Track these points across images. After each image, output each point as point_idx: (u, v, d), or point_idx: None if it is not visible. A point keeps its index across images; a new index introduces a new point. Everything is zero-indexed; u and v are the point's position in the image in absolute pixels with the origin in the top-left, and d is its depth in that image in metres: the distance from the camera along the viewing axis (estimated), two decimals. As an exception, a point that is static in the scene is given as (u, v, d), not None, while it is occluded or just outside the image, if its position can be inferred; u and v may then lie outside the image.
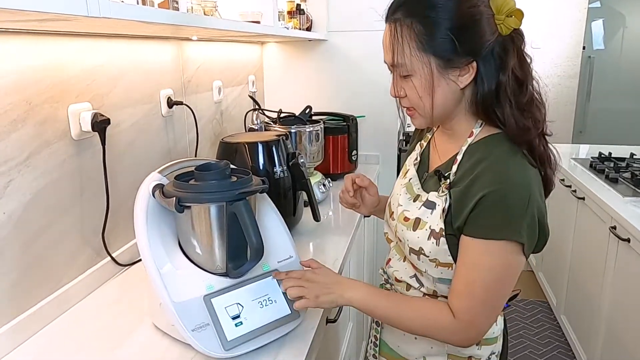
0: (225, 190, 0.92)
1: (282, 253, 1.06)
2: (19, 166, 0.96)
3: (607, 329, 2.05)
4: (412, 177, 0.99)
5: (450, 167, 0.89)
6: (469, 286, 0.84)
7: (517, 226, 0.79)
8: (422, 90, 0.85)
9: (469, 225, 0.83)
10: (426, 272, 0.92)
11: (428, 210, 0.89)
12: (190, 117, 1.62)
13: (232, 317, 0.92)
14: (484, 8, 0.81)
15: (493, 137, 0.87)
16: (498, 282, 0.84)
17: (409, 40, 0.83)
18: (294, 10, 2.16)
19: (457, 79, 0.84)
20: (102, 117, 1.12)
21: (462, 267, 0.85)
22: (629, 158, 2.63)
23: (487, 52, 0.82)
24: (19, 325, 0.96)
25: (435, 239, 0.87)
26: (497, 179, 0.80)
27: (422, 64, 0.83)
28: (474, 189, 0.82)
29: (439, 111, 0.87)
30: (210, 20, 1.22)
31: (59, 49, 1.06)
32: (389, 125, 2.39)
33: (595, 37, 4.43)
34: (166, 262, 0.93)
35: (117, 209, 1.25)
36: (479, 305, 0.85)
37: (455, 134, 0.92)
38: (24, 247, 0.99)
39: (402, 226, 0.94)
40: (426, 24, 0.81)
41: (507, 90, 0.83)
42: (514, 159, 0.83)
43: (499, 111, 0.84)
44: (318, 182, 1.82)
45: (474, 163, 0.85)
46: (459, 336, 0.87)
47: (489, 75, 0.83)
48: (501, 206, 0.79)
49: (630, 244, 1.82)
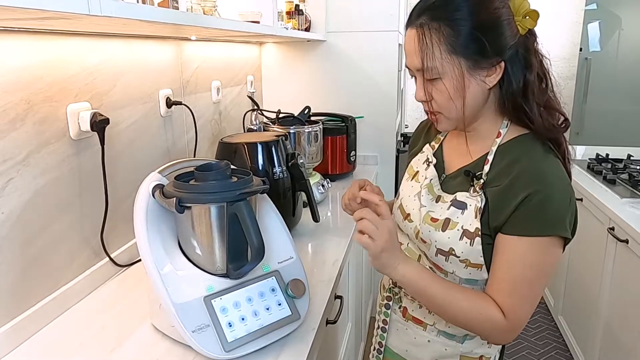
0: (226, 190, 0.91)
1: (282, 254, 1.05)
2: (18, 165, 0.95)
3: (605, 330, 2.05)
4: (432, 178, 0.99)
5: (481, 167, 0.90)
6: (515, 284, 0.86)
7: (562, 221, 0.83)
8: (454, 92, 0.86)
9: (511, 224, 0.84)
10: (453, 273, 0.92)
11: (458, 211, 0.90)
12: (189, 117, 1.61)
13: (233, 318, 0.91)
14: (505, 10, 0.83)
15: (524, 137, 0.90)
16: (542, 278, 0.86)
17: (439, 43, 0.83)
18: (293, 10, 2.16)
19: (486, 79, 0.85)
20: (101, 117, 1.12)
21: (505, 265, 0.86)
22: (626, 159, 2.64)
23: (513, 52, 0.84)
24: (17, 326, 0.96)
25: (469, 239, 0.88)
26: (538, 179, 0.83)
27: (453, 66, 0.84)
28: (515, 189, 0.84)
29: (468, 112, 0.88)
30: (210, 19, 1.22)
31: (58, 48, 1.05)
32: (387, 126, 2.39)
33: (592, 39, 4.44)
34: (166, 263, 0.93)
35: (116, 209, 1.24)
36: (526, 303, 0.87)
37: (479, 135, 0.93)
38: (23, 247, 0.98)
39: (429, 227, 0.94)
40: (453, 26, 0.82)
41: (534, 88, 0.86)
42: (550, 158, 0.86)
43: (528, 108, 0.86)
44: (317, 182, 1.82)
45: (508, 163, 0.87)
46: (507, 334, 0.88)
47: (516, 74, 0.85)
48: (547, 204, 0.82)
49: (628, 245, 1.82)
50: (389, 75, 2.28)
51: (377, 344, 1.09)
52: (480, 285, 0.91)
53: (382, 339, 1.08)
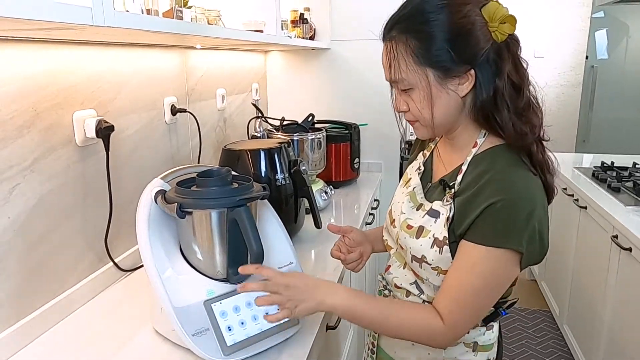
0: (226, 196, 0.93)
1: (282, 259, 1.06)
2: (24, 171, 0.98)
3: (609, 338, 2.04)
4: (416, 186, 1.00)
5: (455, 177, 0.91)
6: (460, 290, 0.85)
7: (519, 236, 0.81)
8: (422, 102, 0.87)
9: (471, 231, 0.84)
10: (427, 279, 0.93)
11: (432, 219, 0.91)
12: (193, 124, 1.63)
13: (232, 322, 0.92)
14: (476, 17, 0.83)
15: (497, 149, 0.89)
16: (489, 289, 0.86)
17: (405, 55, 0.85)
18: (298, 19, 2.18)
19: (457, 87, 0.86)
20: (107, 124, 1.14)
21: (456, 270, 0.86)
22: (631, 167, 2.62)
23: (483, 60, 0.84)
24: (21, 329, 0.97)
25: (439, 247, 0.88)
26: (502, 190, 0.82)
27: (420, 77, 0.85)
28: (479, 199, 0.83)
29: (441, 121, 0.89)
30: (214, 29, 1.24)
31: (64, 57, 1.07)
32: (391, 133, 2.40)
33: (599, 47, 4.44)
34: (167, 267, 0.94)
35: (120, 215, 1.26)
36: (466, 310, 0.86)
37: (458, 144, 0.94)
38: (28, 252, 1.00)
39: (404, 234, 0.95)
40: (421, 38, 0.84)
41: (504, 95, 0.85)
42: (518, 171, 0.85)
43: (498, 116, 0.86)
44: (320, 189, 1.83)
45: (478, 174, 0.87)
46: (444, 339, 0.88)
47: (486, 81, 0.85)
48: (506, 215, 0.81)
49: (632, 253, 1.81)
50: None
51: (371, 344, 1.11)
52: None
53: (374, 339, 1.09)
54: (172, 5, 1.14)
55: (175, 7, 1.14)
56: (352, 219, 1.79)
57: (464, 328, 0.89)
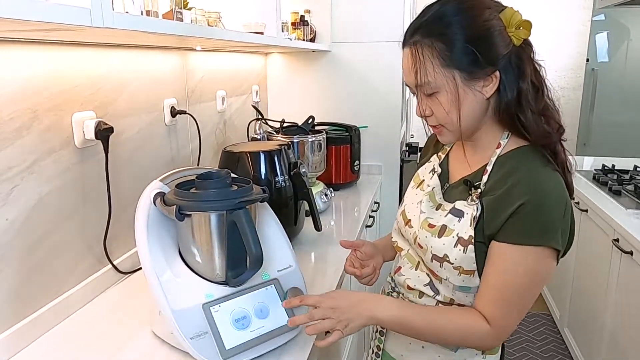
0: (226, 199, 0.93)
1: (281, 262, 1.06)
2: (23, 173, 0.97)
3: (610, 342, 2.03)
4: (435, 187, 1.01)
5: (480, 177, 0.92)
6: (503, 292, 0.87)
7: (555, 233, 0.84)
8: (449, 104, 0.88)
9: (504, 232, 0.85)
10: (447, 279, 0.93)
11: (455, 218, 0.92)
12: (193, 126, 1.63)
13: (231, 325, 0.92)
14: (496, 21, 0.85)
15: (522, 149, 0.91)
16: (530, 287, 0.87)
17: (432, 58, 0.86)
18: (298, 21, 2.18)
19: (482, 89, 0.87)
20: (106, 126, 1.14)
21: (494, 273, 0.87)
22: (632, 170, 2.62)
23: (506, 62, 0.86)
24: (19, 332, 0.97)
25: (463, 246, 0.89)
26: (534, 188, 0.84)
27: (447, 79, 0.86)
28: (510, 198, 0.85)
29: (467, 123, 0.90)
30: (214, 31, 1.24)
31: (64, 58, 1.07)
32: (391, 135, 2.39)
33: (600, 50, 4.44)
34: (166, 270, 0.94)
35: (119, 217, 1.26)
36: (513, 310, 0.88)
37: (480, 145, 0.95)
38: (26, 254, 1.00)
39: (425, 232, 0.95)
40: (445, 40, 0.85)
41: (528, 96, 0.87)
42: (546, 169, 0.87)
43: (523, 117, 0.88)
44: (320, 192, 1.83)
45: (505, 173, 0.88)
46: (493, 342, 0.91)
47: (510, 83, 0.87)
48: (540, 213, 0.83)
49: (633, 256, 1.81)
50: (393, 85, 2.30)
51: (375, 347, 1.10)
52: (472, 292, 0.92)
53: (380, 343, 1.09)
54: (172, 6, 1.14)
55: (175, 9, 1.13)
56: (352, 222, 1.78)
57: (512, 328, 0.90)
